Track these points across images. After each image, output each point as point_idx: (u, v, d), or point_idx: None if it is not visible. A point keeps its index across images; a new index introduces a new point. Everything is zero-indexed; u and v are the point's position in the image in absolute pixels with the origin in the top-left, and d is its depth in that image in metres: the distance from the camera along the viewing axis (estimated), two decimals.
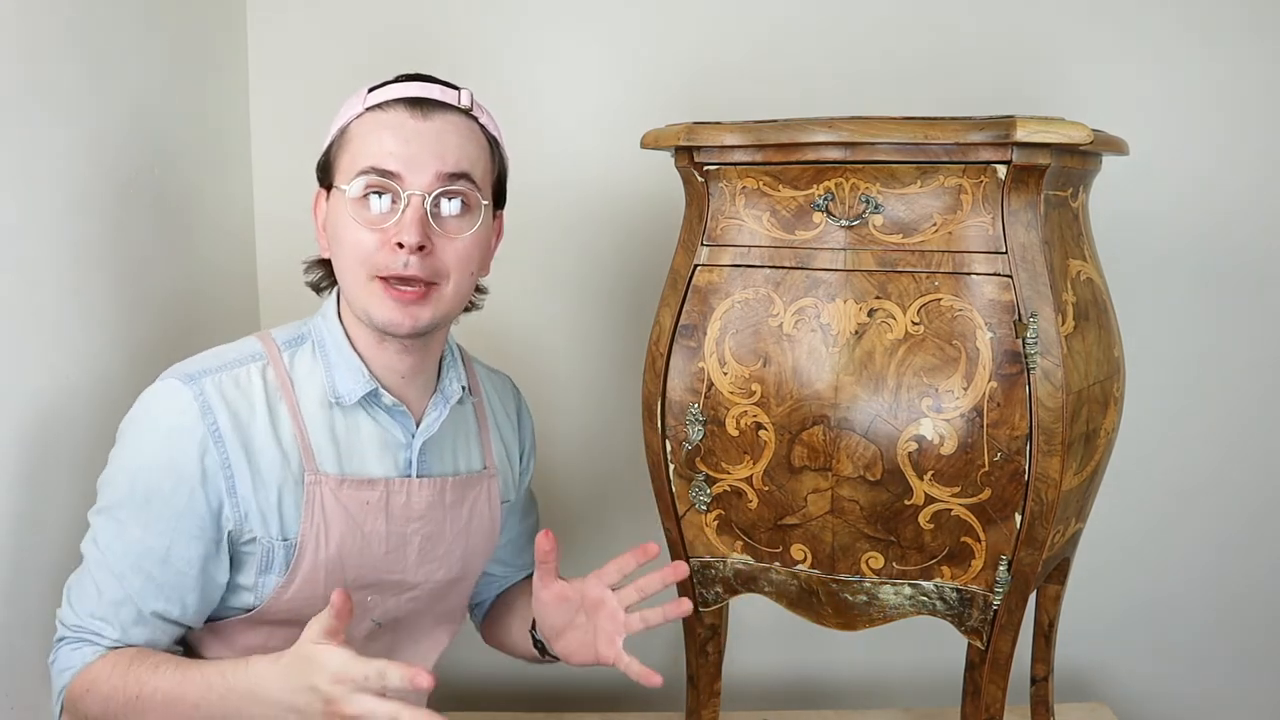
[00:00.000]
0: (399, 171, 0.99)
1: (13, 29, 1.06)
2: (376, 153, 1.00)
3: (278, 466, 1.02)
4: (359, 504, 1.05)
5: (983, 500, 1.02)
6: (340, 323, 1.08)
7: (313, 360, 1.07)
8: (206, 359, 1.04)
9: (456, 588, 1.17)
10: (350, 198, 1.00)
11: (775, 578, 1.14)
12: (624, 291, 1.63)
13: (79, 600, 1.01)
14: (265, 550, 1.02)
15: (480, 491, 1.17)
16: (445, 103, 1.03)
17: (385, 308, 1.01)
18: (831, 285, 1.05)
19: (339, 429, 1.06)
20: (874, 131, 1.01)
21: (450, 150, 1.01)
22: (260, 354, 1.06)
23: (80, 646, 1.00)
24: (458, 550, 1.14)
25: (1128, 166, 1.33)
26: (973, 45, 1.56)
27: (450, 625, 1.21)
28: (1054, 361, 0.99)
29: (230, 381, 1.02)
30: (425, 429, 1.09)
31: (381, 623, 1.12)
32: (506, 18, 1.58)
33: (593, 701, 1.68)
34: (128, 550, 0.99)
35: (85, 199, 1.19)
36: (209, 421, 0.99)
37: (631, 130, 1.26)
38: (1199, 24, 1.55)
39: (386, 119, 1.01)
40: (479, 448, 1.19)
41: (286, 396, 1.04)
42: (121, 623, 1.00)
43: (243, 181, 1.61)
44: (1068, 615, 1.37)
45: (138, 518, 0.99)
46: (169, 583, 1.00)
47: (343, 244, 1.02)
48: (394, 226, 0.99)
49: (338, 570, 1.05)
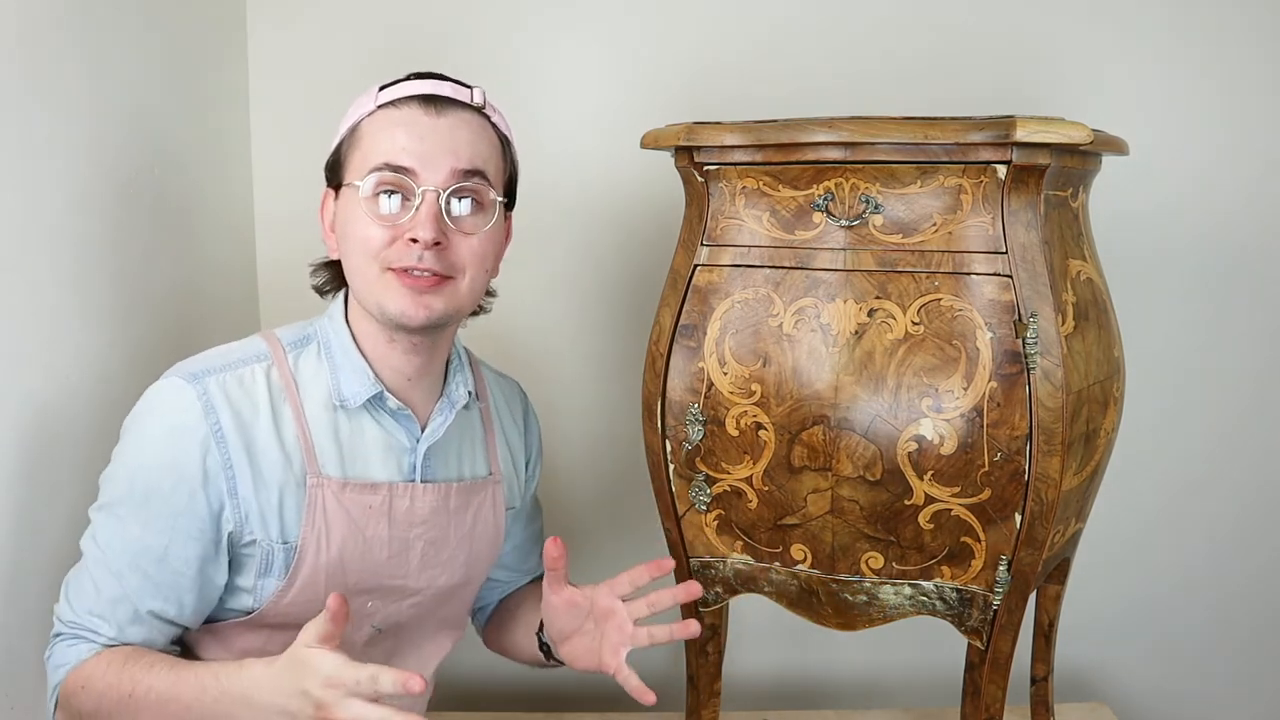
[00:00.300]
0: (413, 167, 0.99)
1: (12, 29, 1.06)
2: (390, 149, 0.99)
3: (279, 468, 1.01)
4: (361, 508, 1.05)
5: (983, 500, 1.02)
6: (347, 324, 1.07)
7: (318, 362, 1.06)
8: (211, 358, 1.03)
9: (459, 594, 1.17)
10: (363, 195, 1.00)
11: (775, 578, 1.14)
12: (624, 291, 1.63)
13: (76, 596, 1.01)
14: (265, 553, 1.02)
15: (485, 497, 1.16)
16: (458, 100, 1.03)
17: (399, 297, 1.00)
18: (831, 285, 1.05)
19: (343, 432, 1.05)
20: (874, 131, 1.01)
21: (464, 147, 1.01)
22: (265, 354, 1.05)
23: (76, 643, 1.00)
24: (461, 556, 1.14)
25: (1128, 166, 1.33)
26: (973, 45, 1.56)
27: (453, 631, 1.20)
28: (1054, 361, 0.99)
29: (234, 381, 1.01)
30: (430, 434, 1.09)
31: (382, 628, 1.11)
32: (507, 17, 1.58)
33: (593, 702, 1.68)
34: (126, 548, 0.99)
35: (85, 199, 1.18)
36: (212, 421, 0.98)
37: (631, 130, 1.26)
38: (1199, 24, 1.55)
39: (400, 116, 1.01)
40: (484, 453, 1.18)
41: (290, 398, 1.03)
42: (118, 621, 0.99)
43: (243, 181, 1.61)
44: (1068, 615, 1.37)
45: (137, 516, 0.99)
46: (166, 582, 0.99)
47: (354, 240, 1.01)
48: (408, 222, 0.99)
49: (339, 574, 1.04)
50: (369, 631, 1.10)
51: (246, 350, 1.05)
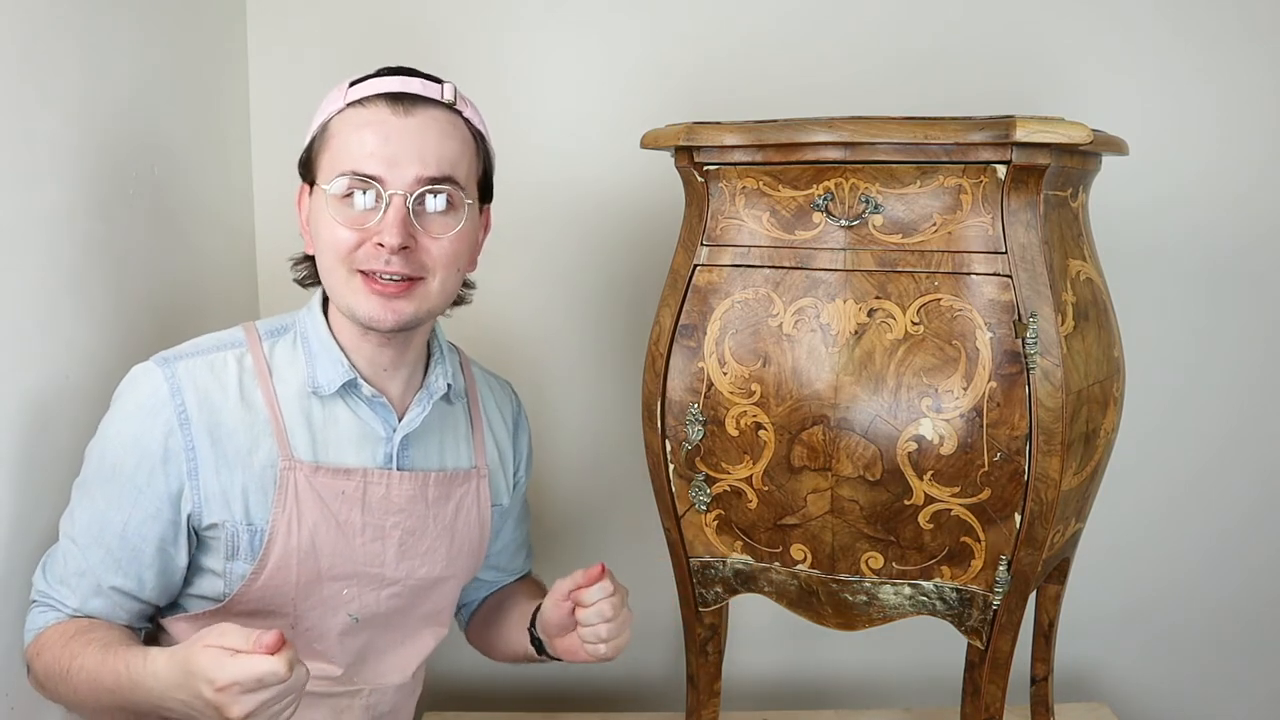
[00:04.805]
0: (379, 175, 0.99)
1: (12, 28, 1.06)
2: (357, 154, 0.99)
3: (245, 451, 1.03)
4: (334, 493, 1.06)
5: (982, 500, 1.02)
6: (324, 315, 1.09)
7: (293, 350, 1.08)
8: (189, 345, 1.06)
9: (441, 587, 1.17)
10: (331, 195, 1.00)
11: (775, 578, 1.14)
12: (624, 291, 1.63)
13: (50, 566, 1.04)
14: (230, 534, 1.03)
15: (468, 490, 1.16)
16: (428, 97, 1.02)
17: (367, 303, 1.01)
18: (831, 285, 1.05)
19: (316, 418, 1.06)
20: (874, 131, 1.01)
21: (431, 150, 1.00)
22: (240, 341, 1.07)
23: (45, 611, 1.03)
24: (441, 548, 1.14)
25: (1128, 166, 1.33)
26: (973, 45, 1.56)
27: (435, 628, 1.20)
28: (1054, 361, 0.99)
29: (204, 366, 1.04)
30: (407, 423, 1.10)
31: (360, 618, 1.11)
32: (507, 17, 1.58)
33: (593, 702, 1.68)
34: (91, 522, 1.02)
35: (85, 198, 1.19)
36: (177, 403, 1.00)
37: (631, 130, 1.26)
38: (1199, 24, 1.55)
39: (368, 116, 1.00)
40: (469, 447, 1.18)
41: (262, 383, 1.05)
42: (81, 593, 1.02)
43: (242, 181, 1.61)
44: (1068, 615, 1.37)
45: (103, 491, 1.01)
46: (125, 558, 1.01)
47: (324, 241, 1.02)
48: (375, 225, 0.99)
49: (311, 559, 1.05)
50: (346, 621, 1.10)
51: (223, 338, 1.08)
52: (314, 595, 1.07)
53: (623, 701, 1.68)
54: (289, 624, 1.07)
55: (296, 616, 1.07)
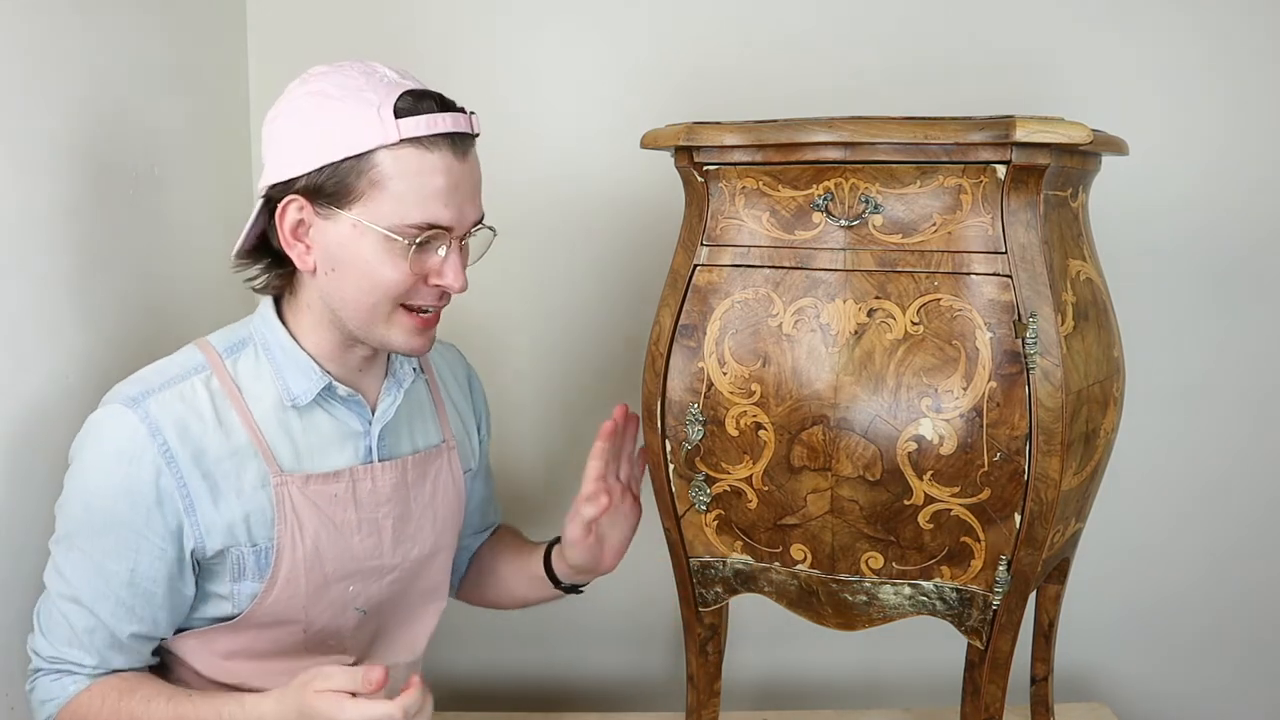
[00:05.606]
0: (453, 225, 0.99)
1: (13, 28, 1.06)
2: (433, 206, 0.97)
3: (234, 475, 1.01)
4: (327, 498, 1.06)
5: (982, 500, 1.02)
6: (283, 324, 1.06)
7: (257, 364, 1.05)
8: (148, 376, 1.02)
9: (433, 562, 1.19)
10: (388, 237, 0.97)
11: (775, 578, 1.14)
12: (624, 291, 1.63)
13: (50, 630, 1.01)
14: (236, 558, 1.03)
15: (442, 464, 1.18)
16: (473, 135, 1.02)
17: (407, 334, 1.03)
18: (831, 285, 1.05)
19: (294, 428, 1.05)
20: (874, 131, 1.01)
21: (479, 191, 1.03)
22: (203, 364, 1.04)
23: (59, 678, 1.00)
24: (427, 525, 1.16)
25: (1128, 166, 1.33)
26: (973, 46, 1.56)
27: (435, 603, 1.22)
28: (1054, 361, 0.99)
29: (175, 397, 1.00)
30: (381, 415, 1.10)
31: (366, 610, 1.13)
32: (507, 17, 1.58)
33: (593, 702, 1.68)
34: (91, 577, 0.99)
35: (84, 199, 1.19)
36: (159, 442, 0.98)
37: (631, 130, 1.26)
38: (1199, 25, 1.55)
39: (436, 162, 0.97)
40: (435, 422, 1.20)
41: (235, 403, 1.03)
42: (98, 649, 1.00)
43: (243, 181, 1.61)
44: (1068, 615, 1.37)
45: (97, 544, 0.98)
46: (139, 604, 1.00)
47: (370, 279, 0.99)
48: (434, 266, 1.00)
49: (316, 566, 1.06)
50: (355, 615, 1.12)
51: (183, 364, 1.04)
52: (323, 599, 1.08)
53: (623, 701, 1.68)
54: (301, 630, 1.08)
55: (308, 622, 1.08)
